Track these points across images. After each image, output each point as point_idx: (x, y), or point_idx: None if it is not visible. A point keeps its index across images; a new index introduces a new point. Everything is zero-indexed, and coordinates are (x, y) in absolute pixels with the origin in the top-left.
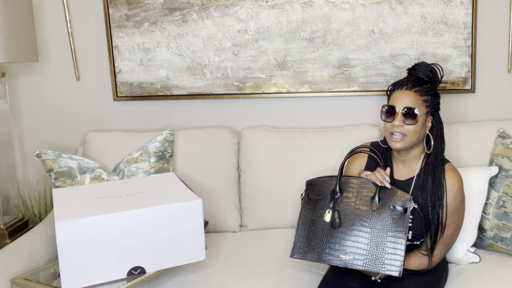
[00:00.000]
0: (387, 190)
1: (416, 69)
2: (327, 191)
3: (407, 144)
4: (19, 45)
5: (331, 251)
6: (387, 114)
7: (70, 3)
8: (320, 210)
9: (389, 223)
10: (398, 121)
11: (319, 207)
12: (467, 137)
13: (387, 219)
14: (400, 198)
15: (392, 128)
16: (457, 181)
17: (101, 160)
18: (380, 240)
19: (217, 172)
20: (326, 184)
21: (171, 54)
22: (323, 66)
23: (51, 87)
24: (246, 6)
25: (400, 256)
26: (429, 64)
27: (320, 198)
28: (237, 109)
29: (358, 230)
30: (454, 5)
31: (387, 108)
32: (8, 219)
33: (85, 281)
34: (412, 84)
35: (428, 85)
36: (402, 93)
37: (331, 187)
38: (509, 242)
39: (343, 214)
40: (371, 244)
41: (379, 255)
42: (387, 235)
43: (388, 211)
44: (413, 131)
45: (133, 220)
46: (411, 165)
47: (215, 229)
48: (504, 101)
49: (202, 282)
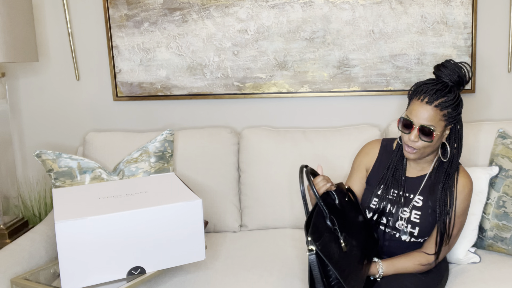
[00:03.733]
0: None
1: (442, 70)
2: (322, 229)
3: (420, 156)
4: (19, 45)
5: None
6: (404, 126)
7: (70, 3)
8: (331, 246)
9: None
10: (414, 136)
11: (329, 244)
12: (467, 137)
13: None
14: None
15: (407, 140)
16: (468, 183)
17: (101, 160)
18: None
19: (217, 172)
20: (317, 222)
21: (171, 54)
22: (323, 66)
23: (51, 87)
24: (246, 6)
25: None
26: (457, 65)
27: (324, 238)
28: (237, 109)
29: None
30: (454, 5)
31: (404, 122)
32: (8, 219)
33: (85, 281)
34: (434, 97)
35: (451, 96)
36: (422, 107)
37: (323, 222)
38: (509, 242)
39: (349, 232)
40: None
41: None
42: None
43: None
44: (428, 145)
45: (133, 220)
46: (424, 166)
47: (215, 229)
48: (504, 101)
49: (202, 282)
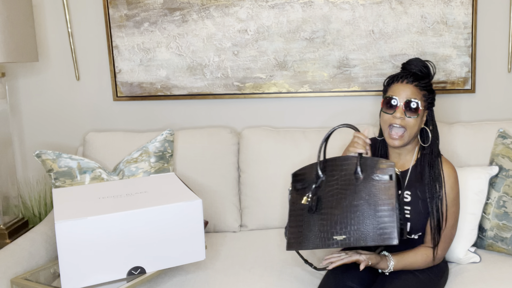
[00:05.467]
0: (368, 161)
1: (411, 64)
2: (311, 177)
3: (405, 140)
4: (19, 45)
5: (324, 235)
6: (387, 105)
7: (70, 3)
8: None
9: (376, 193)
10: (400, 113)
11: (306, 195)
12: (467, 137)
13: (374, 189)
14: (383, 165)
15: (392, 120)
16: (452, 171)
17: (101, 160)
18: (371, 213)
19: (217, 172)
20: (309, 171)
21: (171, 54)
22: (323, 66)
23: (51, 87)
24: (246, 6)
25: (394, 224)
26: (423, 60)
27: (305, 186)
28: (237, 109)
29: (346, 208)
30: (454, 5)
31: (389, 99)
32: (8, 219)
33: (85, 281)
34: (412, 78)
35: (426, 80)
36: (403, 86)
37: (314, 172)
38: (509, 242)
39: (328, 195)
40: (364, 219)
41: (373, 228)
42: (377, 205)
43: (373, 182)
44: (413, 124)
45: (133, 220)
46: (407, 157)
47: (215, 229)
48: (504, 101)
49: (202, 282)
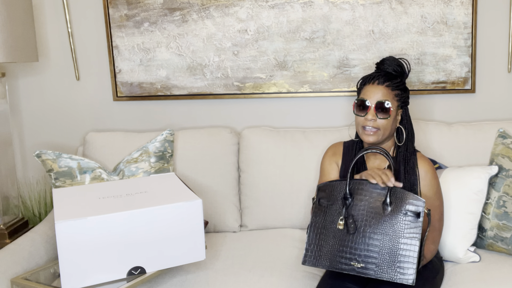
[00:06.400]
0: (398, 193)
1: (385, 63)
2: (338, 195)
3: (379, 138)
4: (19, 45)
5: (342, 259)
6: (359, 108)
7: (70, 3)
8: (331, 215)
9: (401, 228)
10: (371, 115)
11: (330, 213)
12: (467, 137)
13: (400, 224)
14: (413, 202)
15: (364, 122)
16: (430, 167)
17: (101, 160)
18: (392, 247)
19: (217, 172)
20: (336, 188)
21: (171, 54)
22: (323, 66)
23: (51, 87)
24: (246, 6)
25: (413, 264)
26: (397, 59)
27: (331, 203)
28: (237, 109)
29: (369, 236)
30: (454, 5)
31: (360, 102)
32: (8, 219)
33: (85, 281)
34: (384, 79)
35: (398, 80)
36: (374, 87)
37: (341, 192)
38: (509, 242)
39: (355, 219)
40: (383, 252)
41: (391, 262)
42: (400, 241)
43: (401, 216)
44: (385, 124)
45: (133, 220)
46: (383, 157)
47: (215, 229)
48: (504, 101)
49: (202, 282)
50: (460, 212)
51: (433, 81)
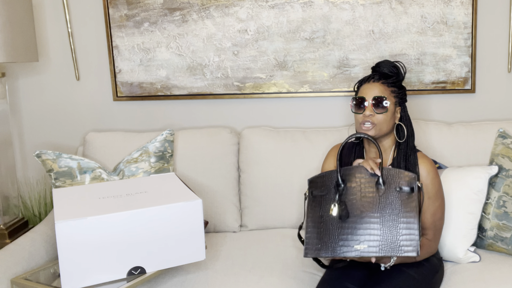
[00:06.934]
0: (391, 172)
1: (380, 66)
2: (330, 185)
3: (377, 132)
4: (19, 45)
5: (344, 244)
6: (357, 106)
7: (70, 3)
8: (327, 205)
9: (398, 205)
10: (369, 111)
11: (325, 202)
12: (467, 137)
13: (396, 201)
14: (405, 178)
15: (363, 118)
16: (431, 167)
17: (101, 160)
18: (392, 224)
19: (217, 172)
20: (328, 179)
21: (171, 54)
22: (323, 66)
23: (51, 87)
24: (246, 6)
25: (415, 236)
26: (392, 61)
27: (325, 193)
28: (237, 109)
29: (368, 217)
30: (454, 5)
31: (357, 100)
32: (8, 219)
33: (85, 281)
34: (379, 77)
35: (394, 78)
36: (370, 85)
37: (333, 180)
38: (509, 242)
39: (350, 204)
40: (384, 229)
41: (393, 238)
42: (399, 217)
43: (395, 193)
44: (383, 120)
45: (133, 220)
46: (383, 156)
47: (215, 229)
48: (504, 101)
49: (202, 282)
50: (460, 212)
51: (433, 81)
